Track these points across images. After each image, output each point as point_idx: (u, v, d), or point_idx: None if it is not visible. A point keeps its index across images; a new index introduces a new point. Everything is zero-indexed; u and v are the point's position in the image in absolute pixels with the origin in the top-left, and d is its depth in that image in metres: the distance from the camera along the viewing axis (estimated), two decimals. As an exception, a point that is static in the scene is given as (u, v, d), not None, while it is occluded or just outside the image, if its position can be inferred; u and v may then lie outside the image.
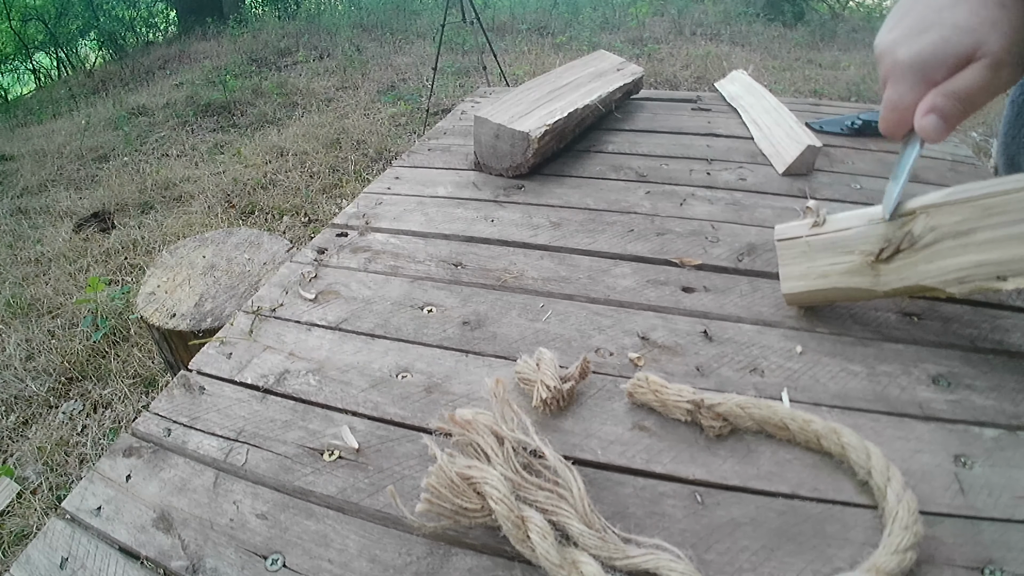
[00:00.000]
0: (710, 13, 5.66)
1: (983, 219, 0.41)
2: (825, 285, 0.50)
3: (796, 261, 0.52)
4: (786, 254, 0.53)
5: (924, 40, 0.41)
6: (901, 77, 0.43)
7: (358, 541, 0.37)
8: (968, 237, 0.42)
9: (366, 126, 3.35)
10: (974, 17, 0.40)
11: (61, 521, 0.40)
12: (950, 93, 0.41)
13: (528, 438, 0.38)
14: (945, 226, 0.43)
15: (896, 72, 0.43)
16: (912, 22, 0.43)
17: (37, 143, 3.77)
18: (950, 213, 0.43)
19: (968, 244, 0.42)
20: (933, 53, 0.41)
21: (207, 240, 1.22)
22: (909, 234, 0.45)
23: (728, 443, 0.42)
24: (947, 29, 0.41)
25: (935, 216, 0.43)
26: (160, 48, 6.41)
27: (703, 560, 0.35)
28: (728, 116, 1.09)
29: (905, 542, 0.32)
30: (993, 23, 0.39)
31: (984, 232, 0.41)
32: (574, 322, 0.55)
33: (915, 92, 0.42)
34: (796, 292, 0.52)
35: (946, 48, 0.40)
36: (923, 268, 0.45)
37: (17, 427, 1.53)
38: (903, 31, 0.43)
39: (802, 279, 0.52)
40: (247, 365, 0.52)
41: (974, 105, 0.41)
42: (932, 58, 0.41)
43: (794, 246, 0.52)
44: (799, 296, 0.53)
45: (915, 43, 0.42)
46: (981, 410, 0.44)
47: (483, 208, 0.78)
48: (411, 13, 6.46)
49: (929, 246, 0.44)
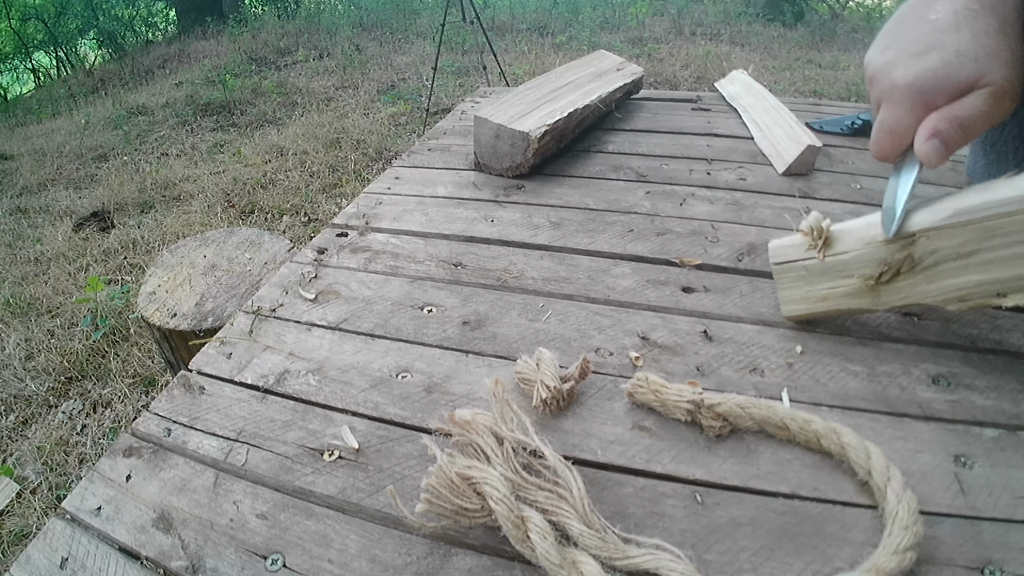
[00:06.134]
0: (710, 13, 5.66)
1: (984, 241, 0.40)
2: (825, 308, 0.50)
3: (794, 285, 0.51)
4: (783, 278, 0.52)
5: (924, 63, 0.40)
6: (899, 100, 0.42)
7: (358, 541, 0.37)
8: (969, 258, 0.41)
9: (366, 126, 3.35)
10: (977, 44, 0.39)
11: (61, 521, 0.40)
12: (953, 119, 0.40)
13: (528, 438, 0.38)
14: (946, 248, 0.42)
15: (894, 94, 0.42)
16: (909, 43, 0.42)
17: (36, 142, 3.77)
18: (951, 236, 0.42)
19: (969, 264, 0.42)
20: (934, 78, 0.40)
21: (208, 240, 1.22)
22: (909, 257, 0.44)
23: (728, 443, 0.42)
24: (949, 54, 0.39)
25: (936, 239, 0.42)
26: (160, 47, 6.40)
27: (703, 560, 0.35)
28: (728, 116, 1.09)
29: (905, 542, 0.32)
30: (996, 52, 0.39)
31: (985, 253, 0.41)
32: (574, 322, 0.55)
33: (913, 115, 0.41)
34: (796, 315, 0.52)
35: (947, 74, 0.39)
36: (923, 288, 0.44)
37: (17, 427, 1.53)
38: (899, 52, 0.42)
39: (802, 302, 0.51)
40: (247, 365, 0.52)
41: (974, 133, 0.40)
42: (932, 83, 0.40)
43: (791, 270, 0.51)
44: (799, 317, 0.53)
45: (914, 66, 0.41)
46: (981, 410, 0.44)
47: (483, 208, 0.78)
48: (411, 13, 6.45)
49: (929, 268, 0.43)
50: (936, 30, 0.41)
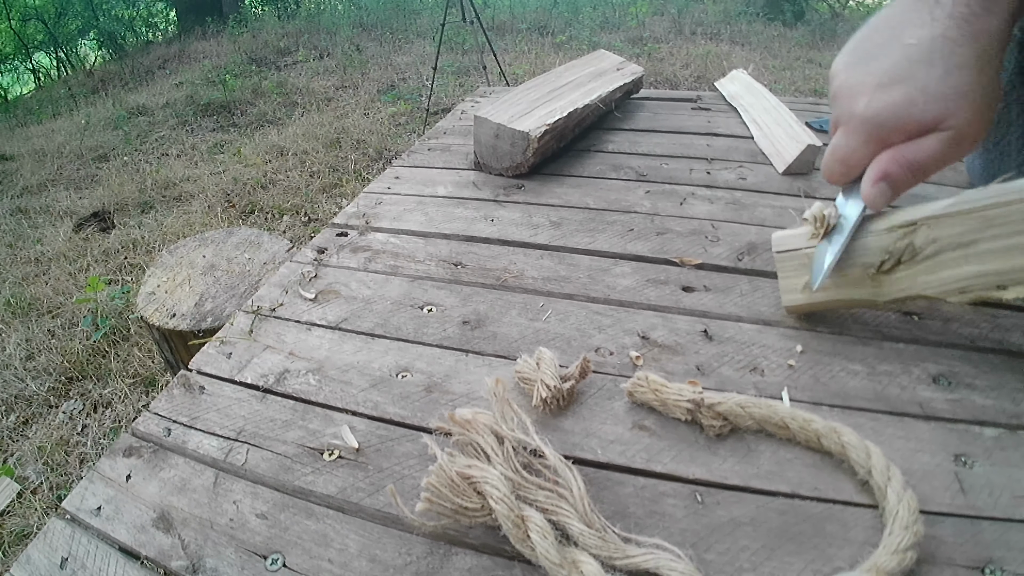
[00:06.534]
0: (710, 12, 5.66)
1: (984, 230, 0.40)
2: (825, 298, 0.50)
3: (795, 274, 0.52)
4: (785, 267, 0.52)
5: (887, 97, 0.39)
6: (855, 130, 0.41)
7: (358, 541, 0.37)
8: (969, 248, 0.41)
9: (366, 125, 3.35)
10: (945, 84, 0.38)
11: (61, 521, 0.40)
12: (904, 163, 0.39)
13: (528, 437, 0.38)
14: (946, 238, 0.42)
15: (852, 123, 0.41)
16: (879, 70, 0.41)
17: (37, 143, 3.77)
18: (952, 225, 0.42)
19: (969, 255, 0.42)
20: (895, 115, 0.39)
21: (207, 240, 1.22)
22: (910, 246, 0.44)
23: (728, 443, 0.42)
24: (915, 91, 0.38)
25: (936, 228, 0.42)
26: (160, 48, 6.40)
27: (703, 560, 0.35)
28: (728, 115, 1.09)
29: (905, 542, 0.32)
30: (965, 93, 0.38)
31: (985, 243, 0.41)
32: (574, 321, 0.55)
33: (867, 149, 0.41)
34: (796, 305, 0.52)
35: (910, 112, 0.38)
36: (924, 279, 0.44)
37: (17, 427, 1.53)
38: (866, 76, 0.41)
39: (802, 292, 0.51)
40: (247, 365, 0.52)
41: (925, 175, 0.40)
42: (892, 120, 0.39)
43: (793, 258, 0.51)
44: (799, 308, 0.53)
45: (877, 99, 0.40)
46: (981, 409, 0.44)
47: (483, 208, 0.78)
48: (411, 13, 6.45)
49: (930, 257, 0.43)
50: (908, 59, 0.39)
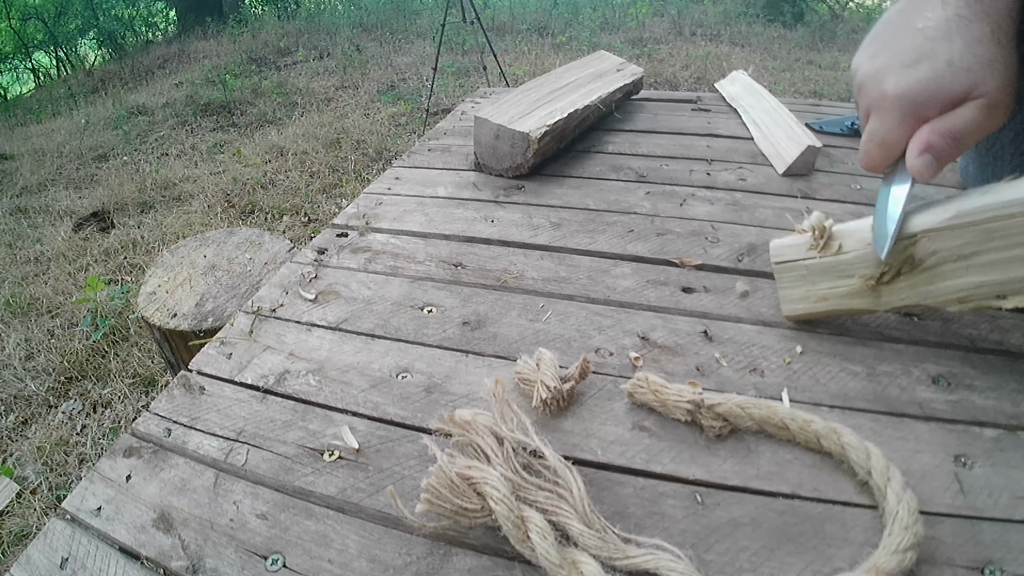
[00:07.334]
0: (710, 13, 5.66)
1: (985, 242, 0.40)
2: (825, 308, 0.50)
3: (795, 284, 0.51)
4: (784, 277, 0.52)
5: (915, 74, 0.39)
6: (889, 111, 0.41)
7: (358, 541, 0.37)
8: (969, 259, 0.41)
9: (366, 126, 3.35)
10: (970, 54, 0.38)
11: (61, 521, 0.40)
12: (946, 132, 0.39)
13: (528, 438, 0.38)
14: (947, 249, 0.42)
15: (884, 105, 0.41)
16: (900, 51, 0.41)
17: (36, 142, 3.77)
18: (952, 237, 0.41)
19: (969, 266, 0.41)
20: (926, 89, 0.39)
21: (208, 240, 1.22)
22: (910, 258, 0.44)
23: (728, 443, 0.42)
24: (941, 64, 0.39)
25: (937, 240, 0.42)
26: (160, 47, 6.40)
27: (703, 560, 0.35)
28: (728, 116, 1.09)
29: (905, 542, 0.32)
30: (989, 63, 0.38)
31: (986, 255, 0.41)
32: (574, 322, 0.55)
33: (904, 127, 0.40)
34: (796, 314, 0.52)
35: (940, 85, 0.39)
36: (923, 289, 0.44)
37: (17, 427, 1.52)
38: (889, 60, 0.41)
39: (802, 302, 0.51)
40: (247, 365, 0.52)
41: (967, 145, 0.40)
42: (924, 94, 0.39)
43: (792, 269, 0.51)
44: (799, 316, 0.53)
45: (905, 76, 0.40)
46: (981, 410, 0.44)
47: (483, 208, 0.78)
48: (411, 13, 6.45)
49: (930, 268, 0.43)
50: (927, 38, 0.40)
